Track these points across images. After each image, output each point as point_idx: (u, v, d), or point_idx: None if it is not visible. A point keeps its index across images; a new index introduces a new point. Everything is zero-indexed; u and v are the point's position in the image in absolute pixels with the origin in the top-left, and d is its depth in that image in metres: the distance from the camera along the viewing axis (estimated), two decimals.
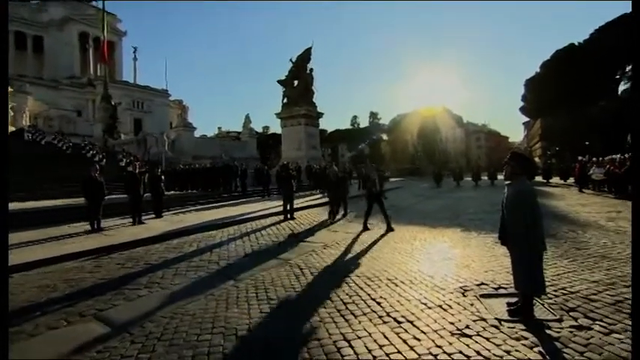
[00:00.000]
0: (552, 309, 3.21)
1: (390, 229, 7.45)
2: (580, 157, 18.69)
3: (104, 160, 19.07)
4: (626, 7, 27.45)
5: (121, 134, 29.68)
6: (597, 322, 2.93)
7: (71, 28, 49.68)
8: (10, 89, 35.61)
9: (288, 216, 9.69)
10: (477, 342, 2.69)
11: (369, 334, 2.86)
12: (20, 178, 14.06)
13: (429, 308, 3.33)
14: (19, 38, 47.94)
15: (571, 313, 3.12)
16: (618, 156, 15.65)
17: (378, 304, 3.49)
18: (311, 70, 25.56)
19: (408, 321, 3.07)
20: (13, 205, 10.18)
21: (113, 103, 29.69)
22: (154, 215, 9.94)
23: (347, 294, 3.81)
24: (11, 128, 31.58)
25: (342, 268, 4.84)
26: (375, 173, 8.06)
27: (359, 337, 2.80)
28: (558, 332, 2.80)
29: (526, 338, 2.71)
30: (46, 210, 9.88)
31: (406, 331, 2.90)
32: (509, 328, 2.89)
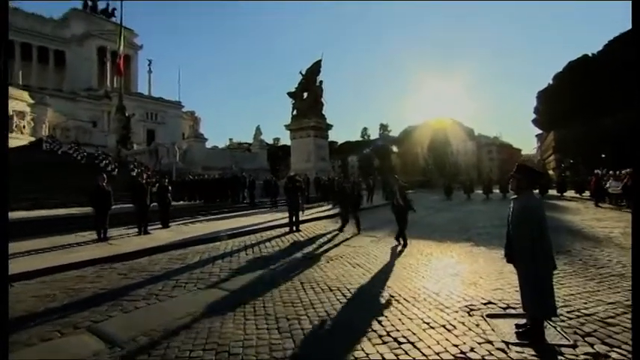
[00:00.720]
0: (566, 333, 3.00)
1: (400, 244, 7.19)
2: (596, 170, 18.14)
3: (116, 170, 19.40)
4: None
5: (134, 145, 30.27)
6: (615, 349, 2.72)
7: (91, 43, 51.73)
8: (31, 101, 37.09)
9: (294, 228, 9.59)
10: None
11: (367, 354, 2.71)
12: (35, 186, 14.41)
13: (432, 328, 3.17)
14: (42, 53, 50.16)
15: (586, 339, 2.90)
16: None
17: (379, 322, 3.33)
18: (320, 82, 25.76)
19: (409, 342, 2.91)
20: (24, 214, 10.39)
21: (127, 114, 30.39)
22: (160, 225, 9.97)
23: (346, 311, 3.67)
24: (31, 138, 32.74)
25: (344, 284, 4.68)
26: (396, 185, 7.84)
27: (356, 358, 2.66)
28: (572, 359, 2.60)
29: None
30: (56, 218, 10.02)
31: (406, 352, 2.74)
32: (517, 352, 2.70)
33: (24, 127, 34.73)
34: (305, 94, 25.76)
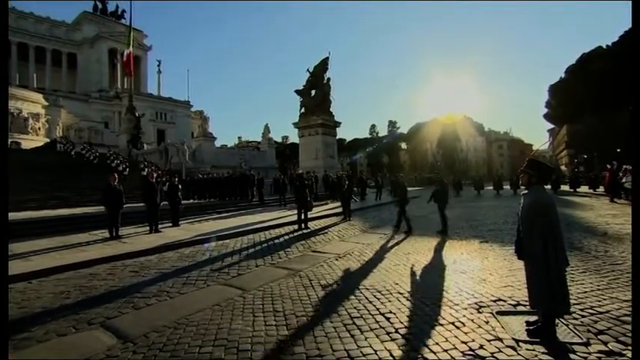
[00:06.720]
0: (578, 330, 2.94)
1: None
2: (609, 165, 17.65)
3: (127, 170, 19.74)
4: None
5: (144, 144, 30.70)
6: (630, 348, 2.65)
7: (101, 45, 52.62)
8: (46, 103, 37.96)
9: (303, 225, 9.62)
10: None
11: (375, 351, 2.71)
12: (49, 186, 14.76)
13: (441, 325, 3.14)
14: (55, 56, 51.31)
15: (600, 337, 2.85)
16: None
17: (387, 319, 3.32)
18: (328, 79, 25.66)
19: (418, 339, 2.90)
20: (38, 213, 10.66)
21: (137, 114, 30.82)
22: (171, 224, 10.11)
23: (355, 307, 3.67)
24: (46, 139, 33.56)
25: (353, 281, 4.69)
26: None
27: (364, 355, 2.66)
28: (584, 357, 2.55)
29: None
30: (69, 217, 10.25)
31: (415, 349, 2.73)
32: (527, 350, 2.66)
33: (39, 128, 35.63)
34: (313, 92, 25.71)
